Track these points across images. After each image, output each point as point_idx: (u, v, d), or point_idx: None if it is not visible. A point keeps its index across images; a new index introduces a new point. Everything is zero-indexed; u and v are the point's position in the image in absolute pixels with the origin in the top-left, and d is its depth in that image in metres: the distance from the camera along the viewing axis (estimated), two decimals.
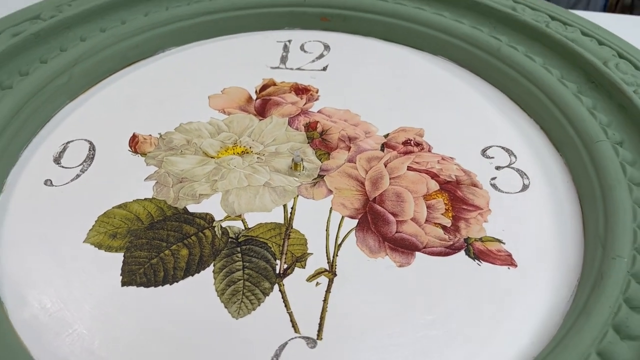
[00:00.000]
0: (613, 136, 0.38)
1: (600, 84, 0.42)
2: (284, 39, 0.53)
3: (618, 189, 0.34)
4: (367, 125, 0.43)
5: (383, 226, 0.36)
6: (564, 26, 0.47)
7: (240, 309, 0.31)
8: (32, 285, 0.32)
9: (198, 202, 0.37)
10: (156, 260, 0.34)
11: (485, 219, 0.36)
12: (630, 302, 0.29)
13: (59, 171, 0.39)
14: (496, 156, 0.41)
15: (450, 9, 0.51)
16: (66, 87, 0.44)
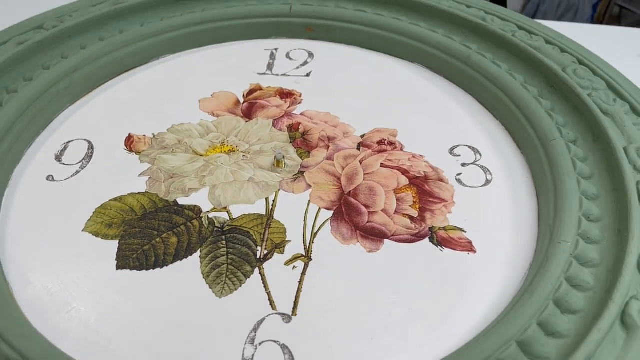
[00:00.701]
0: (567, 135, 0.41)
1: (559, 88, 0.45)
2: (271, 47, 0.57)
3: (568, 182, 0.37)
4: (345, 127, 0.47)
5: (356, 217, 0.39)
6: (530, 35, 0.51)
7: (224, 289, 0.35)
8: (35, 268, 0.35)
9: (187, 196, 0.41)
10: (148, 247, 0.37)
11: (449, 210, 0.40)
12: (571, 281, 0.32)
13: (60, 168, 0.43)
14: (463, 154, 0.44)
15: (426, 19, 0.55)
16: (67, 91, 0.48)
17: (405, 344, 0.32)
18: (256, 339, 0.32)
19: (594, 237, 0.34)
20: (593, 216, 0.36)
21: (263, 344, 0.32)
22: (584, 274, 0.32)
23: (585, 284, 0.32)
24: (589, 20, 1.81)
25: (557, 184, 0.38)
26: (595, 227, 0.35)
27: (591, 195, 0.37)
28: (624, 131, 0.40)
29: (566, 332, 0.30)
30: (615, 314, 0.29)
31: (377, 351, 0.32)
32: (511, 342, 0.29)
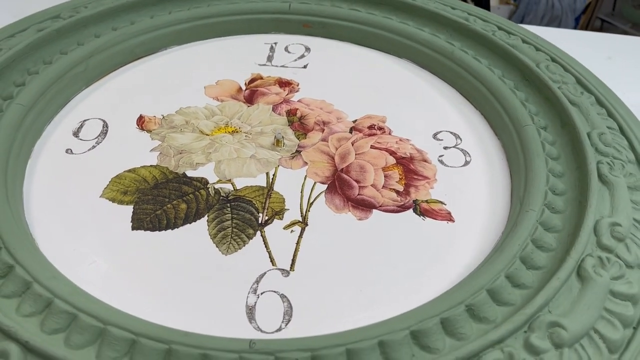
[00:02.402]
0: (538, 122, 0.46)
1: (532, 82, 0.50)
2: (271, 41, 0.61)
3: (536, 161, 0.42)
4: (339, 112, 0.51)
5: (348, 190, 0.44)
6: (508, 35, 0.56)
7: (229, 248, 0.39)
8: (58, 229, 0.39)
9: (195, 169, 0.45)
10: (160, 211, 0.41)
11: (431, 186, 0.44)
12: (536, 242, 0.36)
13: (77, 143, 0.47)
14: (445, 139, 0.49)
15: (414, 18, 0.59)
16: (83, 75, 0.52)
17: (388, 297, 0.36)
18: (258, 289, 0.36)
19: (558, 208, 0.39)
20: (558, 190, 0.40)
21: (264, 293, 0.36)
22: (548, 237, 0.37)
23: (548, 245, 0.36)
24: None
25: (528, 163, 0.43)
26: (560, 200, 0.40)
27: (557, 173, 0.42)
28: (589, 119, 0.45)
29: (530, 284, 0.34)
30: (571, 267, 0.34)
31: (364, 301, 0.36)
32: (482, 291, 0.33)
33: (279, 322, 0.34)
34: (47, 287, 0.32)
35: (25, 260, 0.33)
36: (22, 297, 0.32)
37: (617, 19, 1.94)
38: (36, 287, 0.32)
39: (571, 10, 1.83)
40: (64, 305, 0.31)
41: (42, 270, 0.33)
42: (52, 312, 0.31)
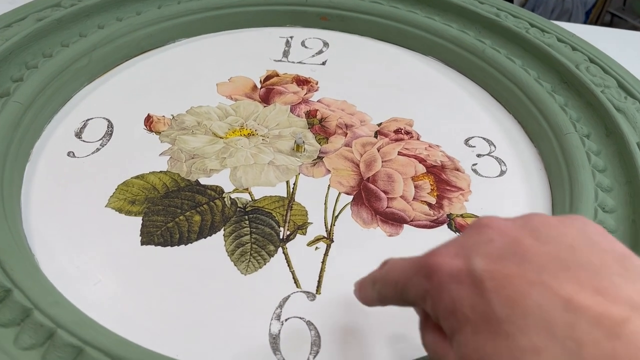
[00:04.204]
0: (581, 129, 0.43)
1: (572, 84, 0.46)
2: (286, 35, 0.57)
3: (583, 174, 0.39)
4: (362, 115, 0.48)
5: (375, 202, 0.40)
6: (542, 33, 0.52)
7: (248, 267, 0.35)
8: (59, 241, 0.36)
9: (209, 176, 0.41)
10: (172, 224, 0.37)
11: (466, 198, 0.41)
12: None
13: (80, 144, 0.43)
14: (477, 145, 0.45)
15: (441, 13, 0.56)
16: (85, 69, 0.48)
17: None
18: (282, 315, 0.33)
19: (609, 227, 0.35)
20: (608, 207, 0.37)
21: (289, 320, 0.32)
22: None
23: None
24: None
25: (572, 175, 0.39)
26: (611, 218, 0.36)
27: (605, 187, 0.38)
28: (636, 127, 0.42)
29: None
30: None
31: (399, 328, 0.32)
32: None
33: (306, 354, 0.31)
34: (49, 315, 0.28)
35: (24, 283, 0.30)
36: (21, 326, 0.28)
37: (627, 13, 1.90)
38: (37, 315, 0.28)
39: (582, 3, 1.79)
40: (68, 337, 0.28)
41: (43, 295, 0.30)
42: (55, 344, 0.27)
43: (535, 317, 0.18)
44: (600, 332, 0.17)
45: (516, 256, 0.20)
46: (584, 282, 0.19)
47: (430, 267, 0.22)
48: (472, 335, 0.20)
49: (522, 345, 0.18)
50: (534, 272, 0.19)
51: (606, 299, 0.18)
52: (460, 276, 0.21)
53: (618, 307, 0.18)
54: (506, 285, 0.19)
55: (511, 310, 0.19)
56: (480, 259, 0.21)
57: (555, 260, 0.20)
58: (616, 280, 0.19)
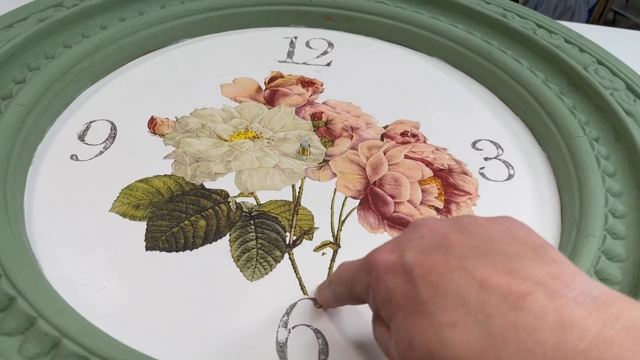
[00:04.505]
0: (590, 133, 0.42)
1: (580, 87, 0.46)
2: (291, 35, 0.57)
3: (593, 179, 0.38)
4: (368, 117, 0.47)
5: (382, 206, 0.40)
6: (549, 34, 0.51)
7: (255, 273, 0.35)
8: (63, 247, 0.35)
9: (214, 180, 0.40)
10: (177, 229, 0.37)
11: (474, 203, 0.40)
12: (599, 275, 0.33)
13: (83, 147, 0.42)
14: (485, 148, 0.45)
15: (446, 14, 0.55)
16: (88, 70, 0.47)
17: None
18: (289, 323, 0.32)
19: (620, 233, 0.35)
20: (618, 212, 0.36)
21: (296, 327, 0.32)
22: (612, 269, 0.33)
23: (613, 277, 0.33)
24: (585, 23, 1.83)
25: (582, 180, 0.39)
26: (621, 223, 0.36)
27: (615, 192, 0.38)
28: None
29: None
30: None
31: None
32: None
33: None
34: (53, 324, 0.28)
35: (29, 290, 0.29)
36: (25, 335, 0.28)
37: (630, 11, 1.89)
38: (41, 324, 0.28)
39: (585, 1, 1.78)
40: (73, 347, 0.27)
41: (47, 303, 0.29)
42: (60, 354, 0.27)
43: (453, 296, 0.21)
44: (506, 306, 0.19)
45: (442, 247, 0.23)
46: (498, 266, 0.21)
47: (371, 263, 0.25)
48: (403, 318, 0.22)
49: (442, 321, 0.20)
50: (456, 260, 0.22)
51: (515, 278, 0.20)
52: (394, 268, 0.23)
53: (524, 284, 0.20)
54: (431, 272, 0.22)
55: (434, 292, 0.21)
56: (411, 252, 0.23)
57: (475, 249, 0.22)
58: (526, 264, 0.21)
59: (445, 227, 0.24)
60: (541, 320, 0.19)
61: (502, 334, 0.19)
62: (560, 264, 0.21)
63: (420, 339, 0.21)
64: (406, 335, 0.22)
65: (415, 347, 0.21)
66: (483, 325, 0.19)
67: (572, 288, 0.19)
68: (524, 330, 0.19)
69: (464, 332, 0.20)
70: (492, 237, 0.23)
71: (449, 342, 0.20)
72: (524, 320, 0.19)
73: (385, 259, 0.24)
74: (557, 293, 0.19)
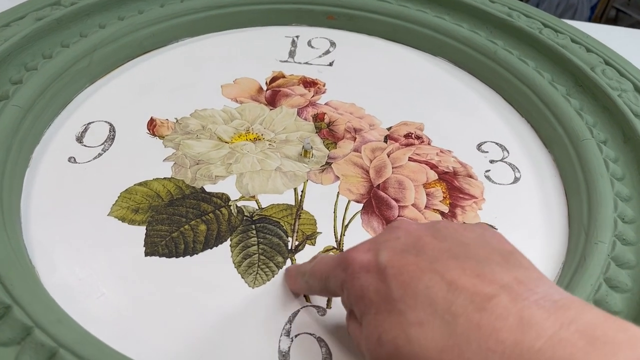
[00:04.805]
0: (598, 135, 0.41)
1: (588, 88, 0.45)
2: (292, 34, 0.56)
3: (601, 183, 0.37)
4: (371, 118, 0.46)
5: (386, 210, 0.39)
6: (556, 33, 0.51)
7: (256, 279, 0.34)
8: (60, 253, 0.34)
9: (214, 183, 0.40)
10: (177, 234, 0.36)
11: (479, 206, 0.40)
12: (609, 282, 0.32)
13: (81, 150, 0.41)
14: (490, 151, 0.44)
15: (451, 13, 0.54)
16: (86, 71, 0.46)
17: None
18: (291, 331, 0.31)
19: (629, 239, 0.34)
20: (627, 217, 0.36)
21: (299, 336, 0.31)
22: (622, 276, 0.32)
23: (623, 285, 0.32)
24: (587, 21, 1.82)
25: (590, 184, 0.38)
26: (631, 229, 0.35)
27: (625, 196, 0.37)
28: None
29: None
30: None
31: None
32: None
33: None
34: (50, 334, 0.27)
35: (25, 299, 0.29)
36: (22, 346, 0.27)
37: (632, 8, 1.88)
38: (38, 334, 0.27)
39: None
40: (70, 358, 0.26)
41: (44, 312, 0.29)
42: None
43: (422, 296, 0.21)
44: (472, 306, 0.20)
45: (415, 249, 0.24)
46: (468, 269, 0.22)
47: (347, 261, 0.26)
48: (374, 315, 0.23)
49: (410, 320, 0.21)
50: (428, 262, 0.23)
51: (483, 281, 0.21)
52: (369, 267, 0.24)
53: (490, 287, 0.21)
54: (403, 272, 0.23)
55: (404, 291, 0.22)
56: (386, 252, 0.24)
57: (447, 252, 0.23)
58: (495, 268, 0.22)
59: (421, 230, 0.25)
60: (503, 321, 0.19)
61: (466, 333, 0.20)
62: (527, 269, 0.22)
63: (388, 335, 0.22)
64: (376, 332, 0.23)
65: (384, 343, 0.22)
66: (449, 325, 0.20)
67: (534, 292, 0.20)
68: (486, 330, 0.19)
69: (429, 331, 0.21)
70: (465, 242, 0.24)
71: (415, 339, 0.21)
72: (487, 321, 0.20)
73: (361, 258, 0.25)
74: (520, 296, 0.20)
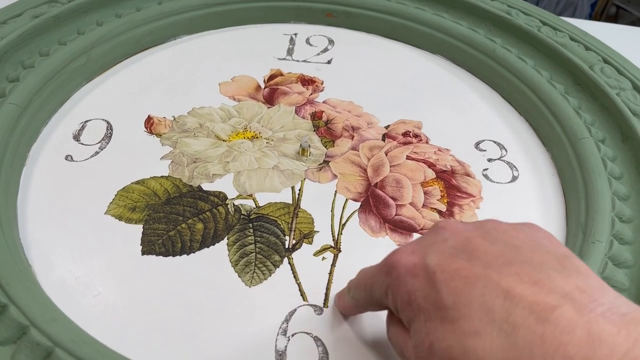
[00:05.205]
0: (596, 134, 0.41)
1: (586, 86, 0.45)
2: (290, 32, 0.56)
3: (599, 182, 0.37)
4: (369, 117, 0.46)
5: (384, 209, 0.39)
6: (554, 31, 0.50)
7: (253, 278, 0.34)
8: (57, 251, 0.34)
9: (211, 181, 0.40)
10: (174, 232, 0.36)
11: (477, 205, 0.40)
12: (607, 281, 0.32)
13: (78, 148, 0.41)
14: (488, 149, 0.44)
15: (450, 10, 0.54)
16: (84, 68, 0.46)
17: None
18: (288, 330, 0.31)
19: (627, 238, 0.34)
20: (625, 217, 0.36)
21: (295, 335, 0.31)
22: (619, 275, 0.32)
23: (620, 285, 0.32)
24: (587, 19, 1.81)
25: (588, 183, 0.38)
26: (628, 228, 0.35)
27: (622, 195, 0.37)
28: None
29: None
30: None
31: None
32: None
33: None
34: (46, 333, 0.27)
35: (21, 298, 0.29)
36: (17, 345, 0.27)
37: (633, 5, 1.87)
38: (33, 333, 0.27)
39: None
40: (66, 357, 0.27)
41: (40, 311, 0.29)
42: None
43: (478, 304, 0.20)
44: (533, 317, 0.19)
45: (466, 253, 0.22)
46: (524, 275, 0.21)
47: (391, 265, 0.25)
48: (424, 322, 0.22)
49: (465, 329, 0.20)
50: (481, 267, 0.21)
51: (541, 289, 0.20)
52: (415, 270, 0.23)
53: (551, 297, 0.19)
54: (455, 277, 0.22)
55: (457, 298, 0.21)
56: (434, 255, 0.23)
57: (500, 257, 0.22)
58: (552, 275, 0.21)
59: (469, 231, 0.24)
60: (569, 335, 0.18)
61: (529, 346, 0.19)
62: (586, 276, 0.21)
63: (441, 344, 0.21)
64: (427, 340, 0.22)
65: (436, 352, 0.21)
66: (508, 336, 0.19)
67: (600, 303, 0.19)
68: (551, 343, 0.18)
69: (487, 341, 0.20)
70: (516, 244, 0.23)
71: (472, 350, 0.20)
72: (552, 334, 0.18)
73: (406, 261, 0.24)
74: (586, 307, 0.19)
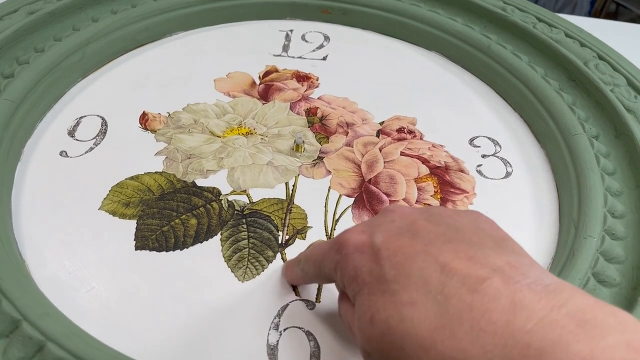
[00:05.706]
0: (590, 130, 0.41)
1: (581, 83, 0.45)
2: (286, 28, 0.56)
3: (592, 178, 0.37)
4: (364, 113, 0.46)
5: (377, 205, 0.39)
6: (550, 28, 0.50)
7: (246, 273, 0.34)
8: (51, 246, 0.35)
9: (205, 177, 0.40)
10: (167, 228, 0.36)
11: (470, 201, 0.40)
12: (597, 277, 0.32)
13: (73, 144, 0.41)
14: (482, 145, 0.44)
15: (445, 7, 0.54)
16: (79, 64, 0.46)
17: None
18: (280, 325, 0.32)
19: (619, 234, 0.34)
20: (617, 212, 0.36)
21: (287, 330, 0.31)
22: (610, 270, 0.32)
23: (611, 280, 0.32)
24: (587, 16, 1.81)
25: (581, 179, 0.38)
26: (620, 224, 0.35)
27: (615, 191, 0.37)
28: None
29: None
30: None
31: None
32: None
33: None
34: (38, 327, 0.27)
35: (14, 292, 0.29)
36: (10, 339, 0.27)
37: (632, 2, 1.87)
38: (26, 327, 0.27)
39: None
40: (57, 351, 0.27)
41: (32, 305, 0.29)
42: (44, 358, 0.26)
43: (416, 277, 0.22)
44: (464, 288, 0.21)
45: (410, 232, 0.24)
46: (461, 252, 0.22)
47: (341, 242, 0.26)
48: (367, 295, 0.23)
49: (403, 300, 0.22)
50: (422, 244, 0.23)
51: (475, 264, 0.21)
52: (363, 248, 0.25)
53: (482, 270, 0.21)
54: (397, 253, 0.23)
55: (398, 272, 0.23)
56: (381, 234, 0.24)
57: (441, 236, 0.23)
58: (487, 252, 0.22)
59: (416, 214, 0.26)
60: (494, 303, 0.20)
61: (458, 313, 0.20)
62: (518, 254, 0.23)
63: (381, 315, 0.22)
64: (369, 312, 0.23)
65: (376, 322, 0.22)
66: (441, 305, 0.21)
67: (527, 276, 0.21)
68: (478, 310, 0.20)
69: (422, 310, 0.21)
70: (458, 227, 0.24)
71: (408, 319, 0.21)
72: (479, 302, 0.20)
73: (355, 239, 0.25)
74: (512, 279, 0.20)
